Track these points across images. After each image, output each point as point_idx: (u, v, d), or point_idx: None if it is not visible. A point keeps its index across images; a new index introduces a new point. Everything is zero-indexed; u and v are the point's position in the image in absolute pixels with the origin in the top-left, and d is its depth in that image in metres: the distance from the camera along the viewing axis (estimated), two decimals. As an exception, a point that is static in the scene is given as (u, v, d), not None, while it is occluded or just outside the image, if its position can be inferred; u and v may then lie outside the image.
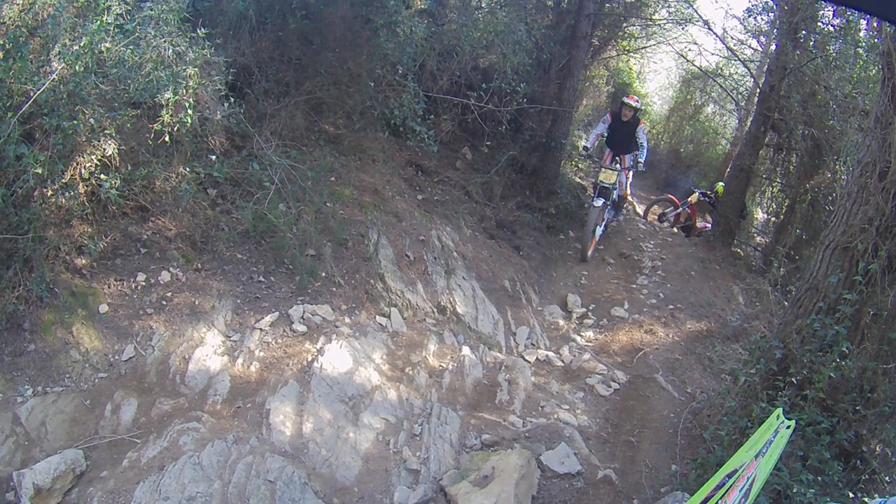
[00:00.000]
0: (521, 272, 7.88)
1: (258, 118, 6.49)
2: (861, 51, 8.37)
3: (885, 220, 4.09)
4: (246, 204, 5.86)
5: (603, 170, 8.79)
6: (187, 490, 3.79)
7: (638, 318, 7.54)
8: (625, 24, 11.62)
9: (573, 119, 10.78)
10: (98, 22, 4.50)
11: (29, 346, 4.57)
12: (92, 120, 4.68)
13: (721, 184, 11.37)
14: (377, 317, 6.00)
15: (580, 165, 11.02)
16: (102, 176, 4.89)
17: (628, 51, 13.28)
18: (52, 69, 4.46)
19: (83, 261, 5.02)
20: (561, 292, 8.11)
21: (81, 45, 4.46)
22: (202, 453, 4.03)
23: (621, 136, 9.05)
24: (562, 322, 7.45)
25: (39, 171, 4.36)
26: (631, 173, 9.54)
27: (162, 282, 5.30)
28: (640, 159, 8.93)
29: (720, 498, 2.70)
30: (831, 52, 8.67)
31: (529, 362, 6.33)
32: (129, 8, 4.73)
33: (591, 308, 7.84)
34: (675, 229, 11.51)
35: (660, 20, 12.26)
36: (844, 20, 8.43)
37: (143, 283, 5.23)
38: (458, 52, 7.79)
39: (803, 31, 8.86)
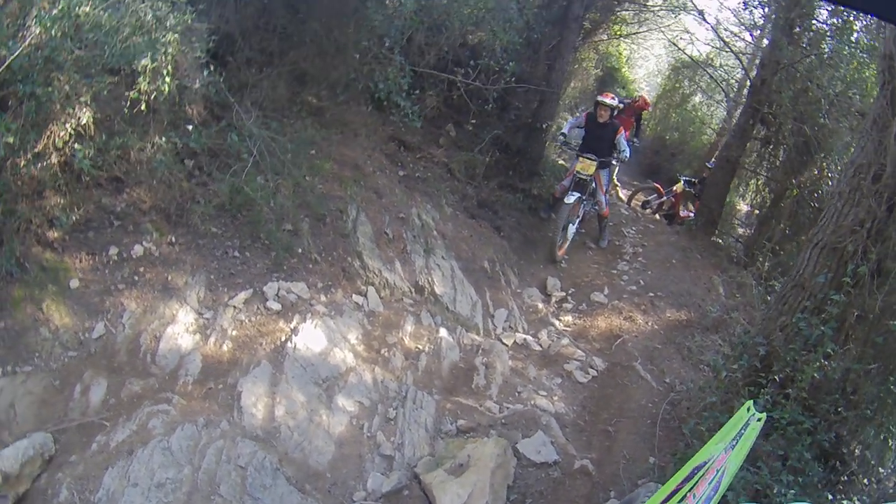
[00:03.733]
0: (500, 253, 7.78)
1: (239, 88, 6.26)
2: (857, 51, 8.40)
3: (876, 223, 4.12)
4: (223, 176, 5.64)
5: (581, 158, 8.08)
6: (157, 476, 3.71)
7: (617, 304, 7.52)
8: (618, 9, 11.50)
9: (560, 101, 10.66)
10: (77, -16, 4.27)
11: (-2, 323, 4.39)
12: (67, 87, 4.45)
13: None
14: (353, 295, 5.87)
15: (563, 148, 10.93)
16: (76, 145, 4.66)
17: (620, 35, 13.17)
18: (29, 34, 4.22)
19: (55, 234, 4.80)
20: (541, 275, 8.04)
21: (59, 8, 4.23)
22: (172, 437, 3.93)
23: (598, 141, 8.20)
24: (541, 305, 7.39)
25: (11, 140, 4.16)
26: (605, 178, 8.67)
27: (134, 256, 5.10)
28: (621, 156, 8.29)
29: (689, 490, 2.70)
30: (825, 50, 8.69)
31: (507, 346, 6.29)
32: (109, -29, 4.50)
33: (570, 292, 7.80)
34: (658, 216, 11.53)
35: (653, 6, 12.17)
36: (840, 20, 8.49)
37: (115, 258, 5.03)
38: (447, 27, 7.62)
39: (798, 28, 8.85)
